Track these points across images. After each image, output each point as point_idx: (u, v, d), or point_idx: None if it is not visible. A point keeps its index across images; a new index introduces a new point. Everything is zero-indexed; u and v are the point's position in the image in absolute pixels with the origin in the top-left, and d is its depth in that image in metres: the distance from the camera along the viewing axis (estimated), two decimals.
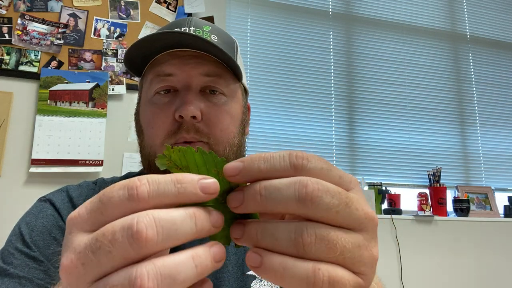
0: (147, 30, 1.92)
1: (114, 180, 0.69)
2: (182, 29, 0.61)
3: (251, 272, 0.60)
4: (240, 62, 0.66)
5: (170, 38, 0.58)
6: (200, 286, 0.24)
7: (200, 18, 2.07)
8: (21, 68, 1.73)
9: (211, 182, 0.24)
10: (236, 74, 0.63)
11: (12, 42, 1.74)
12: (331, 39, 2.34)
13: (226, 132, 0.60)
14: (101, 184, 0.67)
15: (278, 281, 0.23)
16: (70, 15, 1.83)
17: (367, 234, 0.25)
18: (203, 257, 0.23)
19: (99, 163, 1.73)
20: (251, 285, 0.59)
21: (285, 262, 0.23)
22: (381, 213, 2.09)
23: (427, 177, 2.27)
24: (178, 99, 0.59)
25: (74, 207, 0.60)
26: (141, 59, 0.62)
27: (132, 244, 0.21)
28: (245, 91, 0.69)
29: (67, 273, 0.22)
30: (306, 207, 0.23)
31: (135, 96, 1.86)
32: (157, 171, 0.62)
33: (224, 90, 0.61)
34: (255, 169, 0.25)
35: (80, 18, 1.84)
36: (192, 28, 0.61)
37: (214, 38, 0.62)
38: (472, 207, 2.27)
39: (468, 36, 2.62)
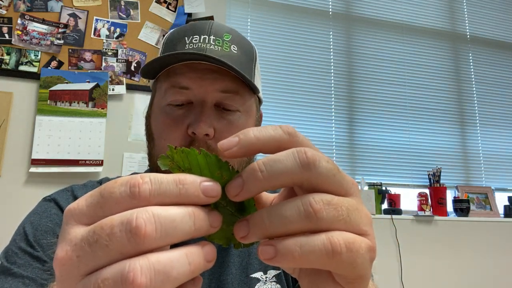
0: (147, 30, 1.92)
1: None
2: (202, 37, 0.60)
3: (255, 275, 0.60)
4: (258, 72, 0.66)
5: (188, 56, 0.57)
6: (192, 285, 0.24)
7: (200, 18, 2.07)
8: (21, 68, 1.73)
9: (213, 185, 0.24)
10: (252, 88, 0.63)
11: (12, 42, 1.74)
12: (331, 39, 2.34)
13: None
14: (105, 183, 0.66)
15: (298, 262, 0.24)
16: (70, 15, 1.83)
17: (357, 197, 0.26)
18: (196, 255, 0.23)
19: (99, 163, 1.73)
20: (255, 287, 0.59)
21: (299, 240, 0.23)
22: (381, 213, 2.09)
23: (427, 177, 2.27)
24: (192, 114, 0.58)
25: None
26: (157, 66, 0.61)
27: (130, 239, 0.21)
28: (260, 101, 0.68)
29: (60, 265, 0.22)
30: (310, 171, 0.24)
31: (135, 96, 1.86)
32: None
33: (239, 107, 0.60)
34: (252, 138, 0.25)
35: (80, 18, 1.84)
36: (212, 37, 0.60)
37: (234, 49, 0.60)
38: (472, 207, 2.27)
39: (468, 36, 2.62)
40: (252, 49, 0.66)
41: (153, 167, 0.62)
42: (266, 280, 0.60)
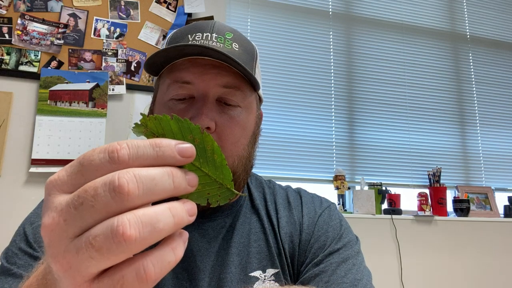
0: (147, 30, 1.92)
1: None
2: (205, 34, 0.61)
3: (253, 273, 0.60)
4: (258, 70, 0.66)
5: (196, 50, 0.57)
6: (179, 237, 0.25)
7: (200, 18, 2.07)
8: (21, 68, 1.73)
9: (188, 146, 0.25)
10: (253, 85, 0.63)
11: (12, 42, 1.74)
12: (331, 39, 2.34)
13: (236, 145, 0.60)
14: None
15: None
16: (70, 15, 1.83)
17: None
18: (179, 209, 0.24)
19: None
20: (254, 286, 0.59)
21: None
22: (381, 213, 2.09)
23: (427, 177, 2.27)
24: (194, 107, 0.58)
25: None
26: (161, 61, 0.62)
27: (115, 198, 0.22)
28: (260, 99, 0.69)
29: (49, 231, 0.23)
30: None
31: (135, 96, 1.86)
32: None
33: (241, 102, 0.61)
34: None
35: (80, 18, 1.84)
36: (214, 35, 0.61)
37: (235, 47, 0.61)
38: (472, 207, 2.27)
39: (468, 36, 2.62)
40: (253, 48, 0.67)
41: None
42: (265, 279, 0.60)
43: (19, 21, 1.76)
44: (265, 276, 0.60)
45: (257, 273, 0.60)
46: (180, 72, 0.60)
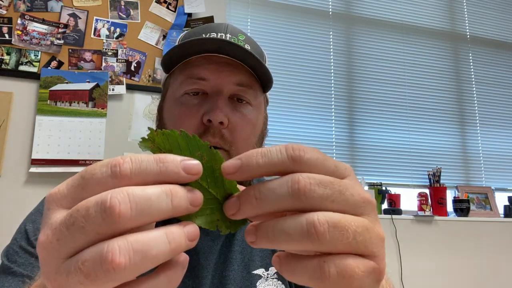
0: (147, 30, 1.92)
1: None
2: (219, 34, 0.62)
3: (256, 271, 0.60)
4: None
5: (211, 43, 0.58)
6: (176, 264, 0.24)
7: (200, 18, 2.07)
8: (21, 68, 1.73)
9: (194, 163, 0.24)
10: (263, 85, 0.65)
11: (12, 42, 1.74)
12: (331, 39, 2.34)
13: (247, 142, 0.61)
14: None
15: (272, 243, 0.24)
16: (70, 15, 1.83)
17: (369, 216, 0.25)
18: (176, 234, 0.23)
19: None
20: (257, 284, 0.59)
21: (276, 221, 0.24)
22: (381, 213, 2.09)
23: (427, 177, 2.27)
24: (207, 103, 0.59)
25: None
26: (178, 56, 0.63)
27: (105, 219, 0.21)
28: (266, 101, 0.71)
29: (42, 248, 0.22)
30: (300, 201, 0.24)
31: (135, 96, 1.86)
32: None
33: (252, 100, 0.63)
34: (254, 165, 0.25)
35: (80, 18, 1.84)
36: (228, 35, 0.62)
37: (248, 48, 0.63)
38: (472, 207, 2.27)
39: (468, 36, 2.62)
40: (262, 51, 0.69)
41: None
42: (267, 277, 0.60)
43: (19, 21, 1.76)
44: (267, 274, 0.61)
45: (260, 271, 0.61)
46: (195, 68, 0.61)
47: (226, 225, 0.27)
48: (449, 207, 2.25)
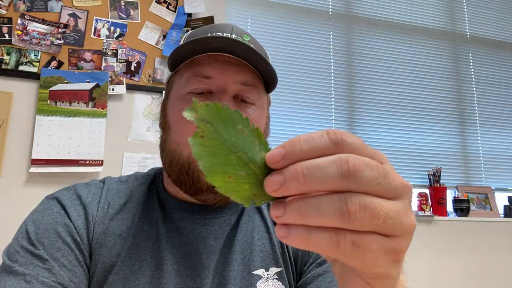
0: (147, 30, 1.92)
1: (122, 179, 0.69)
2: (225, 34, 0.62)
3: (256, 272, 0.61)
4: None
5: (218, 42, 0.59)
6: None
7: (200, 18, 2.07)
8: (21, 68, 1.73)
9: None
10: (267, 85, 0.66)
11: (12, 42, 1.74)
12: (331, 39, 2.34)
13: None
14: (109, 183, 0.67)
15: (303, 244, 0.25)
16: (70, 15, 1.83)
17: (404, 201, 0.26)
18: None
19: (99, 163, 1.73)
20: (257, 284, 0.60)
21: (306, 200, 0.25)
22: None
23: (427, 177, 2.27)
24: (212, 101, 0.59)
25: (82, 204, 0.61)
26: (181, 56, 0.63)
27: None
28: (269, 102, 0.71)
29: None
30: (349, 181, 0.24)
31: (135, 96, 1.86)
32: (178, 167, 0.61)
33: (256, 101, 0.63)
34: (298, 151, 0.25)
35: (80, 18, 1.84)
36: (234, 35, 0.62)
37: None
38: (472, 207, 2.27)
39: (468, 36, 2.62)
40: (266, 52, 0.70)
41: (167, 157, 0.62)
42: (267, 277, 0.61)
43: (19, 21, 1.76)
44: (268, 274, 0.61)
45: (260, 272, 0.61)
46: (201, 67, 0.61)
47: (262, 200, 0.27)
48: (449, 207, 2.25)
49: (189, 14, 1.98)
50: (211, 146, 0.26)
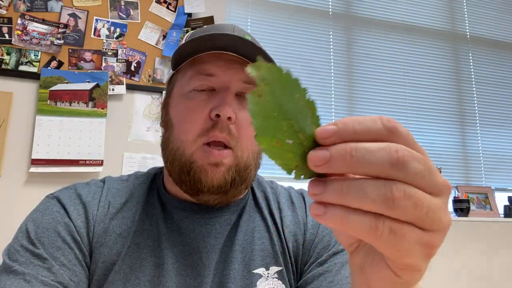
0: (147, 30, 1.92)
1: (122, 178, 0.69)
2: (227, 33, 0.63)
3: (257, 271, 0.61)
4: None
5: (220, 41, 0.59)
6: None
7: (200, 18, 2.07)
8: (21, 68, 1.73)
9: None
10: None
11: (12, 42, 1.74)
12: (331, 39, 2.34)
13: (250, 139, 0.61)
14: (109, 182, 0.67)
15: (341, 225, 0.25)
16: (70, 15, 1.83)
17: (444, 199, 0.27)
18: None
19: (99, 163, 1.73)
20: (257, 283, 0.60)
21: (348, 209, 0.25)
22: None
23: None
24: (216, 98, 0.60)
25: (82, 204, 0.61)
26: (184, 54, 0.63)
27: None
28: None
29: None
30: (397, 170, 0.24)
31: (135, 96, 1.86)
32: (180, 166, 0.61)
33: None
34: (350, 131, 0.25)
35: (80, 18, 1.84)
36: (235, 34, 0.63)
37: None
38: (472, 207, 2.27)
39: (468, 36, 2.62)
40: (267, 53, 0.69)
41: (169, 155, 0.62)
42: (268, 276, 0.61)
43: (19, 21, 1.76)
44: (268, 273, 0.61)
45: (260, 270, 0.61)
46: (204, 64, 0.61)
47: (303, 173, 0.27)
48: (449, 207, 2.25)
49: (189, 14, 1.98)
50: (266, 107, 0.26)
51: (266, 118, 0.26)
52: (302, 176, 0.27)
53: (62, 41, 1.80)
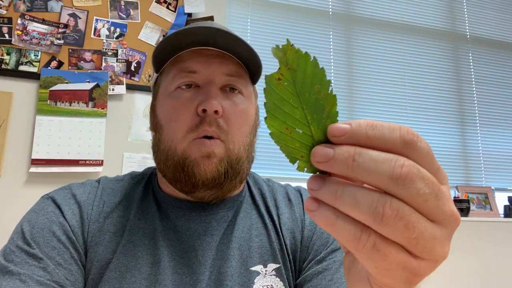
0: (147, 30, 1.92)
1: (118, 178, 0.69)
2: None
3: (254, 268, 0.61)
4: None
5: (199, 35, 0.60)
6: None
7: (200, 18, 2.07)
8: (21, 68, 1.73)
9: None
10: (252, 77, 0.66)
11: (12, 42, 1.74)
12: (331, 39, 2.34)
13: (241, 131, 0.61)
14: (104, 182, 0.67)
15: (329, 230, 0.25)
16: (70, 15, 1.83)
17: (446, 230, 0.25)
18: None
19: (99, 163, 1.73)
20: (255, 280, 0.59)
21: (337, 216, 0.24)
22: None
23: None
24: (201, 94, 0.60)
25: (77, 203, 0.61)
26: (165, 55, 0.63)
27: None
28: (256, 94, 0.71)
29: None
30: (396, 186, 0.23)
31: (135, 96, 1.86)
32: (173, 164, 0.61)
33: (243, 90, 0.63)
34: (363, 134, 0.24)
35: (80, 18, 1.84)
36: (228, 30, 0.63)
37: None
38: (472, 207, 2.27)
39: (468, 36, 2.62)
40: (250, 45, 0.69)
41: (162, 156, 0.62)
42: (265, 274, 0.60)
43: (19, 21, 1.76)
44: (266, 270, 0.61)
45: (258, 268, 0.61)
46: (186, 62, 0.62)
47: (306, 166, 0.26)
48: None
49: (189, 14, 1.98)
50: (282, 92, 0.25)
51: (280, 103, 0.25)
52: (305, 169, 0.26)
53: (62, 41, 1.80)
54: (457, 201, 2.23)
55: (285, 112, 0.25)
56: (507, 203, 2.33)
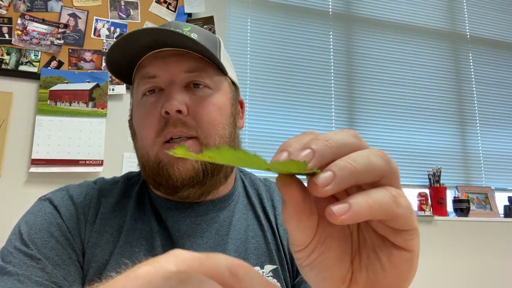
0: None
1: (115, 179, 0.69)
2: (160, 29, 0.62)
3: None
4: (224, 56, 0.67)
5: (150, 37, 0.59)
6: None
7: (200, 18, 2.06)
8: (21, 68, 1.73)
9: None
10: (220, 67, 0.64)
11: (12, 42, 1.74)
12: (331, 39, 2.34)
13: (213, 123, 0.61)
14: (101, 183, 0.67)
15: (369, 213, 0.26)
16: (70, 15, 1.83)
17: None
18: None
19: (99, 163, 1.73)
20: None
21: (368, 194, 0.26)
22: None
23: (427, 177, 2.27)
24: (163, 96, 0.60)
25: (74, 205, 0.61)
26: (126, 65, 0.64)
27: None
28: (234, 85, 0.69)
29: None
30: (390, 167, 0.28)
31: None
32: (150, 170, 0.63)
33: (208, 83, 0.62)
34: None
35: (80, 18, 1.84)
36: (171, 29, 0.62)
37: (194, 36, 0.63)
38: (472, 207, 2.27)
39: (468, 36, 2.62)
40: (215, 37, 0.68)
41: (140, 163, 0.63)
42: (263, 275, 0.60)
43: (19, 21, 1.76)
44: (263, 272, 0.60)
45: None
46: (145, 68, 0.62)
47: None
48: (449, 207, 2.25)
49: (189, 14, 1.98)
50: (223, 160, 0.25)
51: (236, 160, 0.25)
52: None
53: (62, 41, 1.80)
54: (457, 201, 2.23)
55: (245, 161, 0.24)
56: (507, 203, 2.33)
